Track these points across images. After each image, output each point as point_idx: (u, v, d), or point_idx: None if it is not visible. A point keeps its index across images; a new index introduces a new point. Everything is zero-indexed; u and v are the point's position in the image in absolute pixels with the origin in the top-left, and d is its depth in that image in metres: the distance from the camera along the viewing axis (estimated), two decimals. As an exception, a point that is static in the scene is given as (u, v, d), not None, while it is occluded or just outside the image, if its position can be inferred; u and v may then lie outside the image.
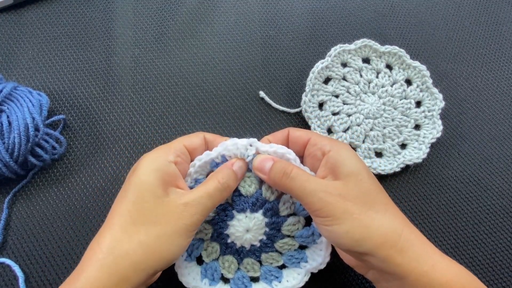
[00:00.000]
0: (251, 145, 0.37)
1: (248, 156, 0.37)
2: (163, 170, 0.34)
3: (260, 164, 0.36)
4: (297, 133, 0.39)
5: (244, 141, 0.37)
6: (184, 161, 0.37)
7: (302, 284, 0.39)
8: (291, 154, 0.37)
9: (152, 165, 0.34)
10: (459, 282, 0.31)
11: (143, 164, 0.34)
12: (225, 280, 0.39)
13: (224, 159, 0.38)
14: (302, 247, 0.40)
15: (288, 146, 0.39)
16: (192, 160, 0.38)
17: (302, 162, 0.38)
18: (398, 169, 0.47)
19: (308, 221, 0.40)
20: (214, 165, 0.38)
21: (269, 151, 0.37)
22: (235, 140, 0.37)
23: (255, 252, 0.39)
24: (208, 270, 0.38)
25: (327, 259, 0.38)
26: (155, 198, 0.32)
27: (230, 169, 0.36)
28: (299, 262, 0.39)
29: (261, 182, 0.38)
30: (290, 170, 0.34)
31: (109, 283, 0.29)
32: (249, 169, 0.38)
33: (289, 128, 0.40)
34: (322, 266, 0.38)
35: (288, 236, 0.39)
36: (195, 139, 0.38)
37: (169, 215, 0.32)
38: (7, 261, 0.40)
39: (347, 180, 0.34)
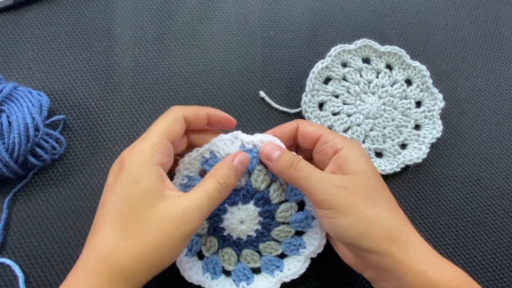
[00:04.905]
0: (236, 138, 0.38)
1: (235, 149, 0.38)
2: (154, 174, 0.32)
3: (268, 152, 0.36)
4: (308, 128, 0.38)
5: (229, 136, 0.38)
6: (168, 157, 0.35)
7: (303, 270, 0.39)
8: (276, 142, 0.38)
9: (140, 169, 0.32)
10: (456, 284, 0.31)
11: (131, 168, 0.32)
12: (227, 273, 0.39)
13: (213, 155, 0.38)
14: (299, 234, 0.40)
15: (296, 140, 0.39)
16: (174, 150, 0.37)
17: (310, 157, 0.39)
18: (398, 169, 0.47)
19: (301, 207, 0.40)
20: (203, 162, 0.38)
21: (254, 141, 0.38)
22: (222, 136, 0.38)
23: (252, 243, 0.40)
24: (209, 264, 0.39)
25: (324, 241, 0.39)
26: (151, 205, 0.31)
27: (229, 165, 0.35)
28: (297, 249, 0.39)
29: (250, 173, 0.38)
30: (298, 161, 0.35)
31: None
32: None
33: (298, 121, 0.39)
34: (320, 250, 0.39)
35: (283, 223, 0.40)
36: (176, 127, 0.35)
37: (165, 224, 0.30)
38: (7, 261, 0.40)
39: (353, 176, 0.34)
